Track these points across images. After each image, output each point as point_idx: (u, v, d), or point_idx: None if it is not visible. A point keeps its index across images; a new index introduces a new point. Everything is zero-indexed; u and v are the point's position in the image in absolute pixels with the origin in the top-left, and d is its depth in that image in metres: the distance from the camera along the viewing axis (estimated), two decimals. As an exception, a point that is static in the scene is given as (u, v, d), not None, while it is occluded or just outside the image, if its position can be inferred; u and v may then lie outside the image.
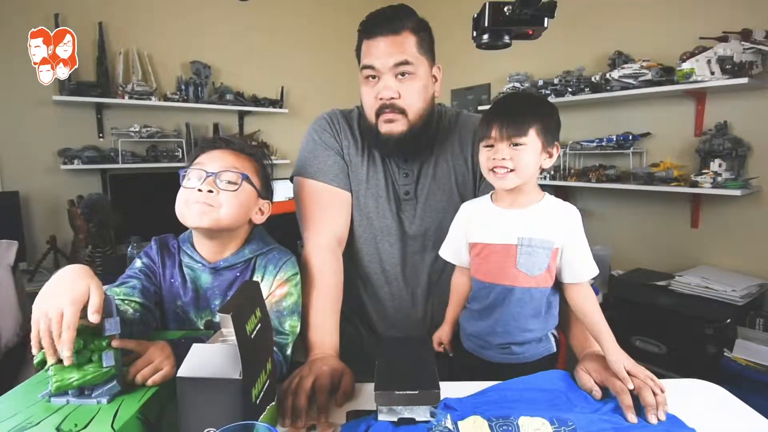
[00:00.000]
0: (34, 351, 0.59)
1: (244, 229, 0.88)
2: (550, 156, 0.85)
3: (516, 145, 0.81)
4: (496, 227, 0.86)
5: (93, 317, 0.58)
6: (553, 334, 0.92)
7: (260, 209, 0.89)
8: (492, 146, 0.84)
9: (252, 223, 0.89)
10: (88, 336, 0.60)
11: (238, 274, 0.86)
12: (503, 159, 0.81)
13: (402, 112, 0.97)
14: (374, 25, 0.96)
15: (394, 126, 0.98)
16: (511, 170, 0.81)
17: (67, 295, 0.58)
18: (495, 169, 0.83)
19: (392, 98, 0.96)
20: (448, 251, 0.96)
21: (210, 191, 0.80)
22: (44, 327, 0.57)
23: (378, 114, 0.98)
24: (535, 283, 0.84)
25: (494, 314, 0.87)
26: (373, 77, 0.97)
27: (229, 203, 0.81)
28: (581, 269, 0.83)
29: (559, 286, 0.88)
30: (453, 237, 0.95)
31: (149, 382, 0.62)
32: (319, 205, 1.02)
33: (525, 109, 0.83)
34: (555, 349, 0.91)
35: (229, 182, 0.81)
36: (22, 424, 0.52)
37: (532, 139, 0.82)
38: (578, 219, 0.85)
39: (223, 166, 0.82)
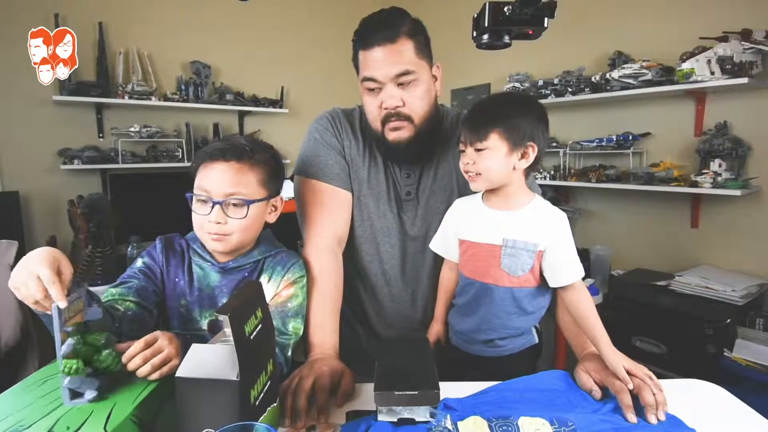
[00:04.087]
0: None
1: None
2: (525, 157, 0.84)
3: (479, 150, 0.83)
4: (483, 227, 0.89)
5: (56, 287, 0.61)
6: (534, 326, 0.94)
7: (273, 206, 0.90)
8: (464, 151, 0.87)
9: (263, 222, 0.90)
10: (85, 337, 0.61)
11: (246, 274, 0.88)
12: (467, 164, 0.85)
13: (408, 118, 0.96)
14: (369, 34, 0.93)
15: (401, 133, 0.97)
16: (478, 174, 0.84)
17: (34, 261, 0.61)
18: (466, 172, 0.87)
19: (397, 107, 0.95)
20: (438, 244, 1.00)
21: (219, 222, 0.81)
22: (25, 293, 0.61)
23: (384, 122, 0.97)
24: (517, 283, 0.86)
25: (478, 311, 0.89)
26: (375, 88, 0.95)
27: (240, 230, 0.83)
28: (563, 272, 0.84)
29: (550, 287, 0.88)
30: (443, 231, 0.98)
31: (156, 375, 0.61)
32: (320, 204, 1.02)
33: (486, 114, 0.85)
34: (536, 341, 0.94)
35: (235, 206, 0.82)
36: (14, 427, 0.52)
37: (494, 143, 0.82)
38: (564, 222, 0.86)
39: (226, 191, 0.82)
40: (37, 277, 0.59)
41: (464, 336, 0.94)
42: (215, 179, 0.82)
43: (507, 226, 0.86)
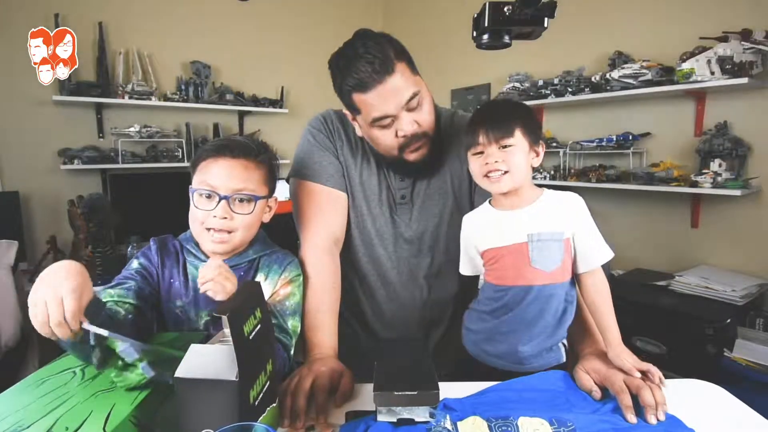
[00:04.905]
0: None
1: None
2: (538, 155, 0.86)
3: (505, 147, 0.82)
4: (504, 229, 0.85)
5: (74, 323, 0.58)
6: (563, 343, 0.89)
7: (268, 206, 0.90)
8: (482, 152, 0.84)
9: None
10: None
11: (242, 273, 0.87)
12: (495, 162, 0.82)
13: (424, 135, 0.95)
14: (363, 75, 0.86)
15: (422, 151, 0.96)
16: (505, 172, 0.82)
17: (65, 284, 0.58)
18: (489, 174, 0.83)
19: (415, 130, 0.93)
20: (466, 267, 0.95)
21: (224, 218, 0.81)
22: (42, 316, 0.57)
23: (402, 148, 0.95)
24: (551, 279, 0.82)
25: (509, 317, 0.84)
26: (389, 124, 0.92)
27: (244, 227, 0.83)
28: (595, 254, 0.82)
29: (573, 281, 0.86)
30: (465, 251, 0.94)
31: (212, 289, 0.72)
32: (316, 206, 1.02)
33: (507, 111, 0.85)
34: (564, 359, 0.88)
35: (242, 202, 0.83)
36: (13, 427, 0.52)
37: (519, 139, 0.82)
38: (582, 205, 0.84)
39: (234, 187, 0.81)
40: (60, 300, 0.57)
41: (485, 344, 0.89)
42: (222, 174, 0.81)
43: (528, 222, 0.83)
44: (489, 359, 0.89)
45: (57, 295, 0.57)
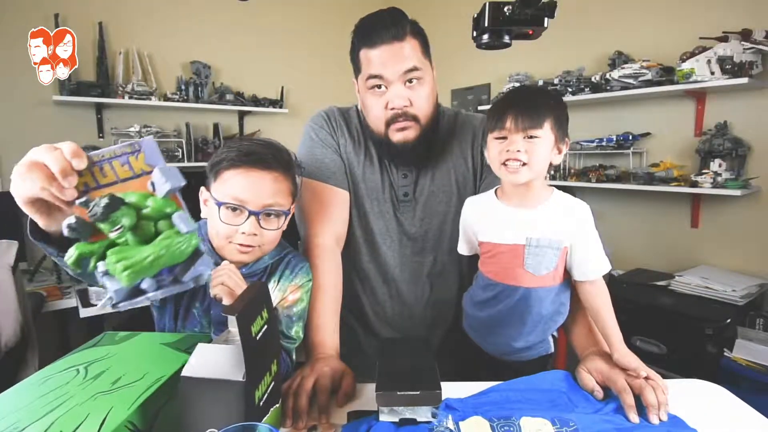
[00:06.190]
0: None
1: None
2: (560, 152, 0.83)
3: (531, 137, 0.78)
4: (504, 226, 0.84)
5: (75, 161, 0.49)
6: (552, 334, 0.92)
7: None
8: (505, 138, 0.80)
9: None
10: (140, 200, 0.45)
11: (255, 279, 0.86)
12: (518, 152, 0.78)
13: (414, 118, 0.94)
14: (374, 33, 0.90)
15: (408, 133, 0.95)
16: (524, 164, 0.78)
17: (53, 145, 0.51)
18: (507, 163, 0.79)
19: (404, 106, 0.93)
20: (464, 248, 0.97)
21: (253, 234, 0.78)
22: (40, 172, 0.48)
23: (388, 124, 0.95)
24: (541, 282, 0.83)
25: (499, 311, 0.87)
26: (380, 86, 0.93)
27: (271, 241, 0.82)
28: (591, 266, 0.82)
29: (569, 283, 0.87)
30: (464, 233, 0.95)
31: (218, 289, 0.72)
32: (318, 204, 1.01)
33: (541, 101, 0.80)
34: (552, 350, 0.91)
35: (270, 217, 0.80)
36: (9, 429, 0.51)
37: (546, 131, 0.79)
38: (588, 216, 0.83)
39: (265, 203, 0.78)
40: (60, 154, 0.51)
41: (481, 328, 0.92)
42: (254, 189, 0.78)
43: (529, 224, 0.82)
44: (486, 345, 0.92)
45: (51, 148, 0.50)
